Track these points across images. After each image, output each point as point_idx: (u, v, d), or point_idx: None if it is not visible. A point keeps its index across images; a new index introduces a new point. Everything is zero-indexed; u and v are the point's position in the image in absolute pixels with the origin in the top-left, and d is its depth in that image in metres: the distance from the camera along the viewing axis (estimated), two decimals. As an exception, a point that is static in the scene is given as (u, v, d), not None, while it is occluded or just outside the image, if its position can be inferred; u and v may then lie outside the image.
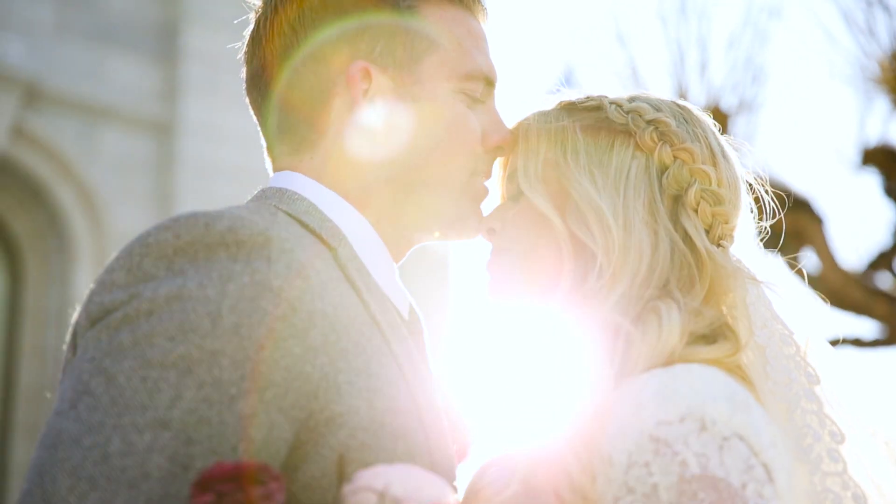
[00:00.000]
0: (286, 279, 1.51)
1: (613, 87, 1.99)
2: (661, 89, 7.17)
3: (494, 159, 1.91)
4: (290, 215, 1.72)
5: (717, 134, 1.93)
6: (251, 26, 1.89)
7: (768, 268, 1.90)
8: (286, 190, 1.78)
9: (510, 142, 1.91)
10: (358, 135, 1.79)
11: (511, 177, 1.96)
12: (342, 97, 1.79)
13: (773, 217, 2.02)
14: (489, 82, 1.87)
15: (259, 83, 1.86)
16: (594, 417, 1.61)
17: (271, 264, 1.51)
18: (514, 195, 1.95)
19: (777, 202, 2.00)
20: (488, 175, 1.91)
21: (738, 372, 1.72)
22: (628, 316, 1.71)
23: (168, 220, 1.55)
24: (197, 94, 13.45)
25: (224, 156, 13.44)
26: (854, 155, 7.40)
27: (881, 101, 6.92)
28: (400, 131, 1.78)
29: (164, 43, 13.64)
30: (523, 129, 1.94)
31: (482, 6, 1.90)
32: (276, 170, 1.87)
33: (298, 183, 1.79)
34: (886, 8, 6.38)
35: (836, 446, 1.71)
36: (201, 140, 13.42)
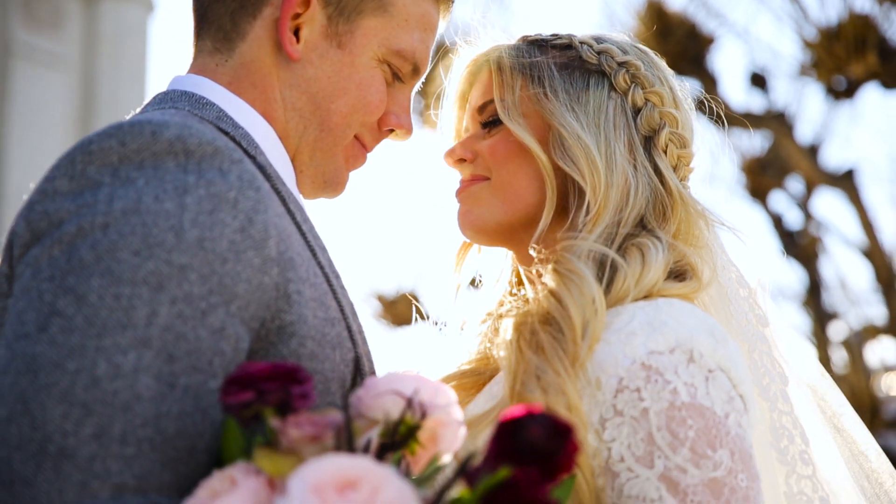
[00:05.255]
0: (240, 190, 1.48)
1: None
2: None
3: (381, 138, 1.88)
4: (210, 122, 1.66)
5: (673, 78, 1.98)
6: None
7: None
8: (193, 94, 1.73)
9: (407, 134, 1.87)
10: (273, 52, 1.76)
11: (483, 108, 1.94)
12: (273, 8, 1.75)
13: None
14: (416, 69, 1.85)
15: None
16: (580, 341, 1.62)
17: (224, 175, 1.48)
18: (487, 124, 1.93)
19: None
20: (369, 148, 1.87)
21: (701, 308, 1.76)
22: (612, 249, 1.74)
23: (110, 126, 1.50)
24: None
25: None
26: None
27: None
28: (312, 67, 1.76)
29: None
30: (494, 61, 1.94)
31: (449, 3, 1.88)
32: (190, 69, 1.80)
33: (204, 87, 1.74)
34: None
35: (784, 388, 1.80)
36: None
